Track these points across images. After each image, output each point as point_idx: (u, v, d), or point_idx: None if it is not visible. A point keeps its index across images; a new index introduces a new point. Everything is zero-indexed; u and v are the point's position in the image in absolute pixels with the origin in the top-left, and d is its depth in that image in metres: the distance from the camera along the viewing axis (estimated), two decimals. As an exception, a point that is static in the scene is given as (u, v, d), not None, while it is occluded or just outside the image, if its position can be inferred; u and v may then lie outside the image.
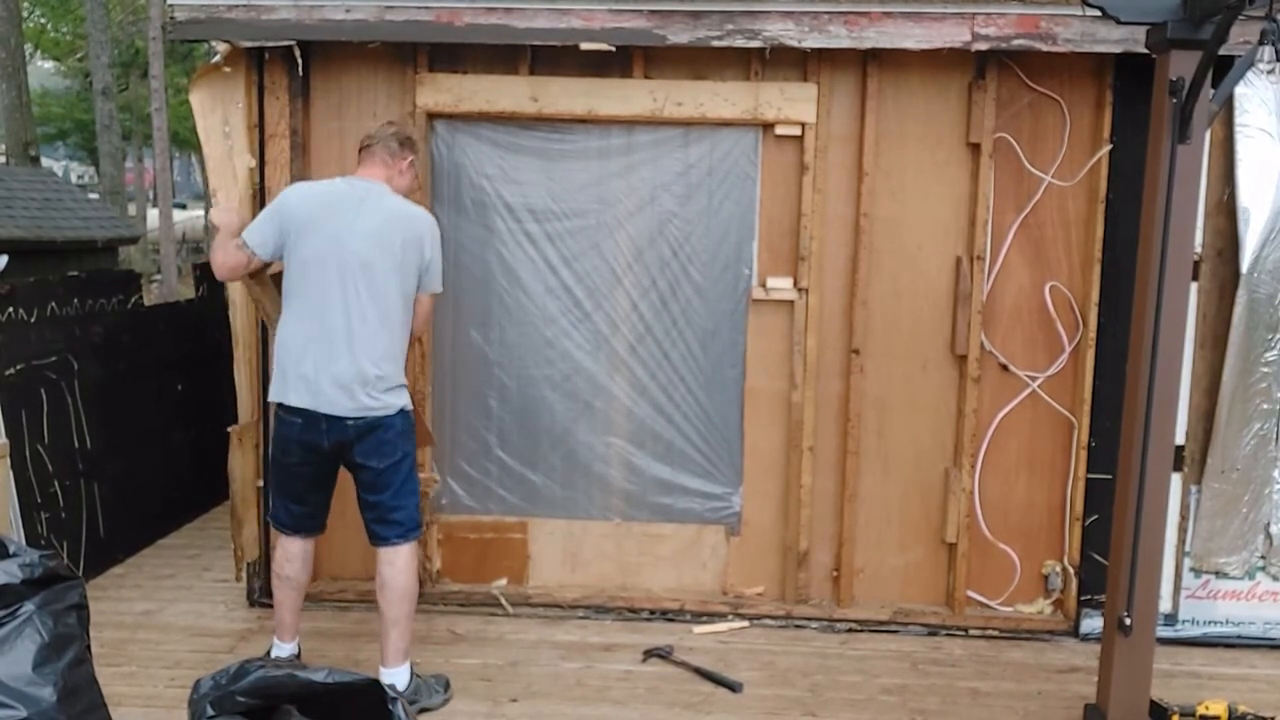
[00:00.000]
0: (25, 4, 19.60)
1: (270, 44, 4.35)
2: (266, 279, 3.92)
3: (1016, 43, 4.18)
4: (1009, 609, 4.65)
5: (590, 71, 4.41)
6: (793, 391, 4.57)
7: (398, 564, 3.77)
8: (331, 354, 3.61)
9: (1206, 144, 3.85)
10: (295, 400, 3.64)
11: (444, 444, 4.73)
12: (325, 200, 3.70)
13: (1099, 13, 3.32)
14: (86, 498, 5.08)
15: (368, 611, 4.65)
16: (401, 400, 3.74)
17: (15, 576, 2.60)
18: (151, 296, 11.75)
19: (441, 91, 4.48)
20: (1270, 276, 4.26)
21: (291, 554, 3.87)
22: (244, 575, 4.70)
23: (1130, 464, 3.46)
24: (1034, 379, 4.54)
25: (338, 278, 3.60)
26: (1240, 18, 3.06)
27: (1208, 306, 4.38)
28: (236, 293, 4.52)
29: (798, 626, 4.63)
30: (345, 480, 4.73)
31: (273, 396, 3.74)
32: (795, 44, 4.25)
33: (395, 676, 3.74)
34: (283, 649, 3.95)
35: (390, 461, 3.72)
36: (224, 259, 3.75)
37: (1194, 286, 4.25)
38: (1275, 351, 4.30)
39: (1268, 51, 3.05)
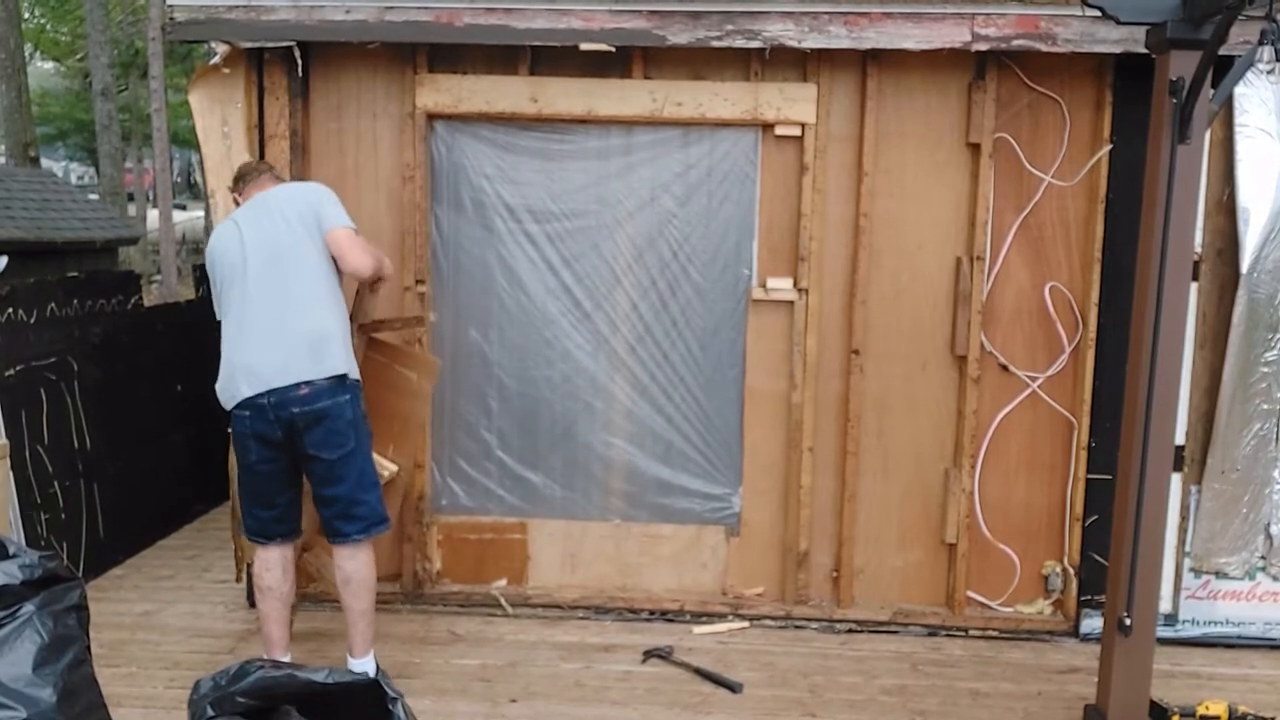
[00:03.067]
0: (25, 4, 19.60)
1: (270, 45, 4.35)
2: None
3: (1016, 43, 4.18)
4: (1009, 609, 4.64)
5: (590, 72, 4.41)
6: (792, 392, 4.57)
7: (359, 558, 3.79)
8: (264, 335, 3.68)
9: (1206, 144, 3.85)
10: (243, 393, 3.67)
11: (443, 444, 4.73)
12: (230, 230, 3.82)
13: (1099, 13, 3.32)
14: (86, 498, 5.07)
15: (367, 612, 4.66)
16: (344, 365, 3.71)
17: (15, 577, 2.59)
18: (151, 297, 11.75)
19: (441, 92, 4.48)
20: (1270, 276, 4.26)
21: (270, 562, 3.83)
22: (244, 576, 4.70)
23: (1130, 464, 3.46)
24: (1034, 379, 4.54)
25: (261, 267, 3.70)
26: (1240, 18, 3.06)
27: (1208, 306, 4.38)
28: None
29: (797, 627, 4.63)
30: (345, 481, 4.73)
31: (225, 405, 3.78)
32: (795, 44, 4.24)
33: (365, 665, 3.80)
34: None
35: (342, 452, 3.69)
36: None
37: (1194, 286, 4.25)
38: (1275, 351, 4.30)
39: (1268, 51, 3.04)
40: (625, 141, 4.55)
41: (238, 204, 3.97)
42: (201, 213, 20.69)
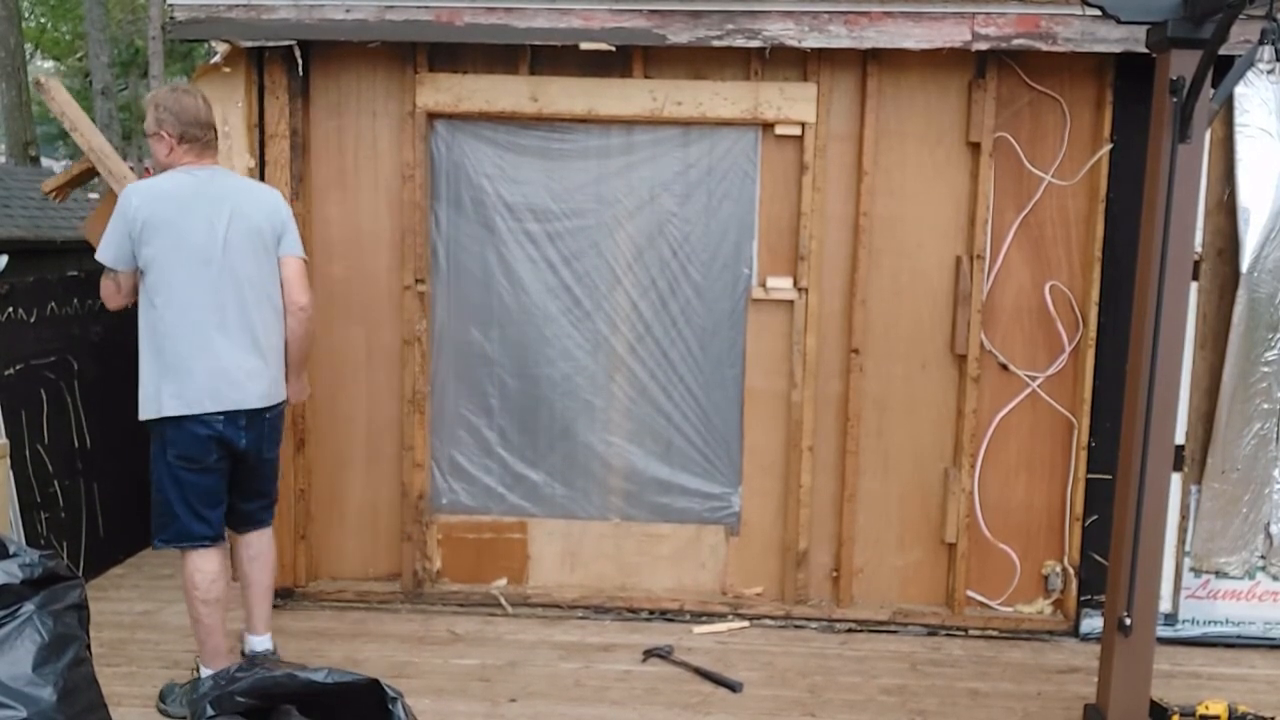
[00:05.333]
0: (25, 3, 19.59)
1: (270, 44, 4.35)
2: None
3: (1016, 42, 4.18)
4: (1009, 609, 4.64)
5: (590, 71, 4.41)
6: (792, 391, 4.57)
7: (268, 536, 3.93)
8: (236, 350, 3.58)
9: (1206, 144, 3.85)
10: (211, 406, 3.54)
11: (444, 443, 4.72)
12: (179, 197, 3.57)
13: (1099, 12, 3.31)
14: (86, 498, 5.07)
15: (367, 611, 4.66)
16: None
17: (15, 576, 2.59)
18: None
19: (441, 91, 4.48)
20: (1270, 276, 4.26)
21: (214, 573, 3.65)
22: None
23: (1130, 464, 3.46)
24: (1034, 379, 4.54)
25: (221, 270, 3.55)
26: (1240, 17, 3.06)
27: (1208, 306, 4.38)
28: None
29: (797, 627, 4.63)
30: (343, 482, 4.74)
31: (174, 410, 3.53)
32: (795, 44, 4.24)
33: (267, 642, 3.90)
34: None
35: (279, 447, 3.90)
36: (103, 293, 3.70)
37: (1194, 286, 4.25)
38: (1275, 351, 4.30)
39: (1268, 51, 3.04)
40: (625, 140, 4.55)
41: (166, 141, 3.63)
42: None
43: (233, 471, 3.71)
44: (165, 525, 3.65)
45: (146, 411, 3.60)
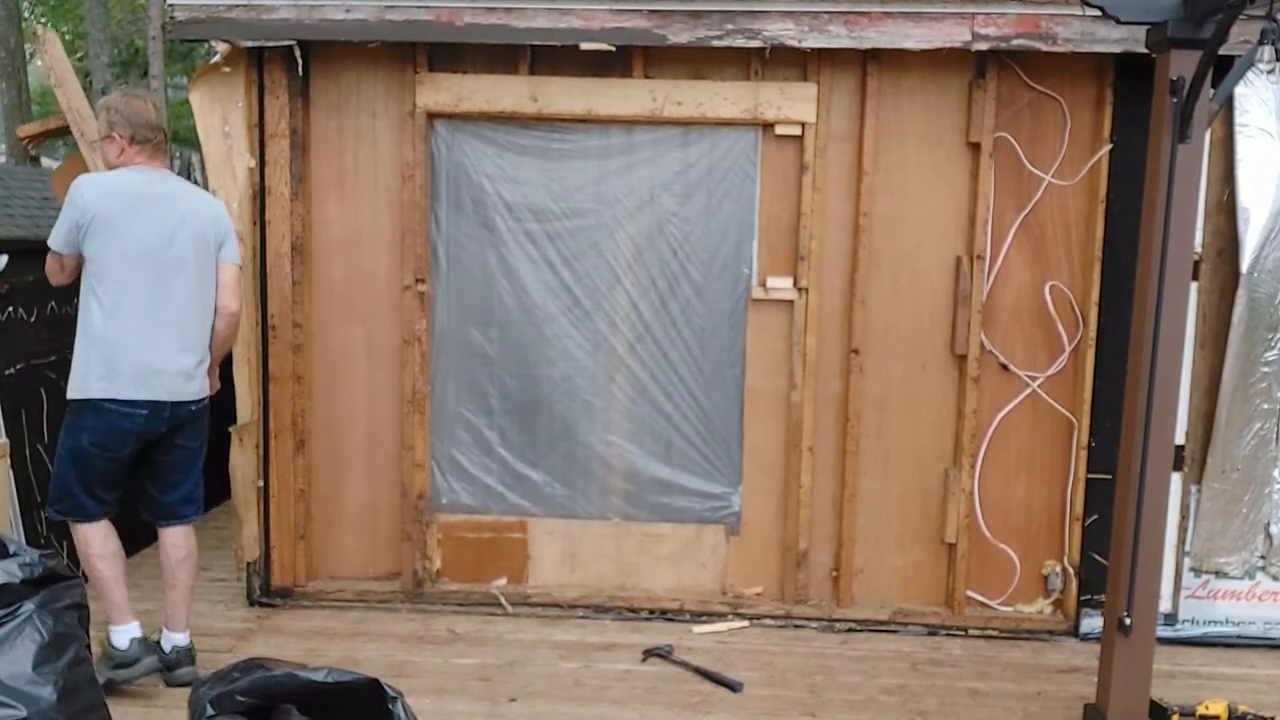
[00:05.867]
0: (25, 3, 19.59)
1: (270, 44, 4.35)
2: None
3: (1016, 42, 4.18)
4: (1009, 609, 4.64)
5: (590, 71, 4.41)
6: (792, 391, 4.57)
7: (192, 536, 4.03)
8: (171, 344, 3.74)
9: (1206, 144, 3.85)
10: (140, 394, 3.69)
11: (444, 443, 4.73)
12: (129, 193, 3.71)
13: (1099, 12, 3.31)
14: (86, 497, 5.06)
15: (366, 611, 4.66)
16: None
17: (15, 576, 2.60)
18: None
19: (441, 91, 4.48)
20: (1270, 276, 4.26)
21: (106, 530, 3.83)
22: (244, 575, 4.71)
23: (1130, 464, 3.46)
24: (1034, 379, 4.54)
25: (163, 269, 3.71)
26: (1240, 17, 3.06)
27: (1208, 306, 4.38)
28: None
29: (797, 626, 4.63)
30: (343, 481, 4.74)
31: (102, 392, 3.68)
32: (795, 44, 4.24)
33: (186, 639, 3.97)
34: (131, 629, 3.90)
35: (202, 439, 3.97)
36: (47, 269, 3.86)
37: (1194, 286, 4.25)
38: (1275, 351, 4.30)
39: (1268, 51, 3.04)
40: (625, 141, 4.55)
41: (117, 144, 3.79)
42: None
43: (151, 462, 3.87)
44: (61, 500, 3.82)
45: (74, 392, 3.74)
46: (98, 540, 3.82)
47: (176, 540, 3.97)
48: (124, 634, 3.87)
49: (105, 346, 3.67)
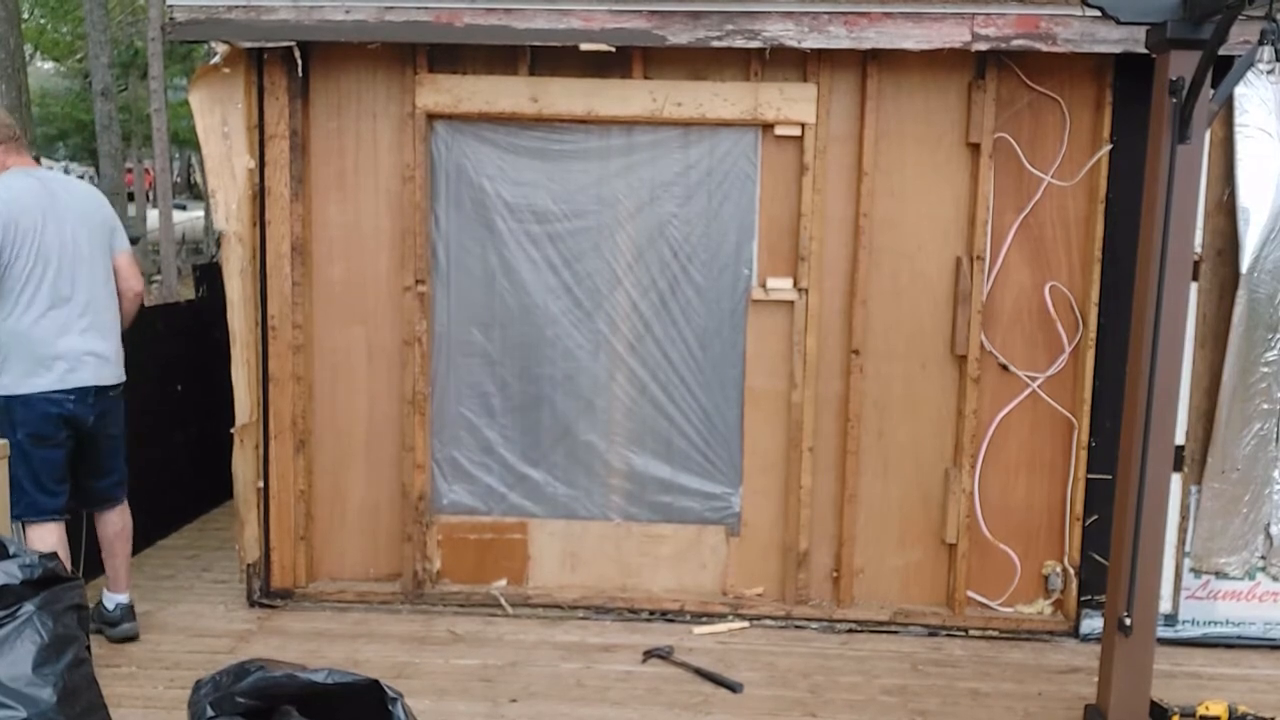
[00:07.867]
0: (25, 4, 19.60)
1: (270, 45, 4.35)
2: None
3: (1016, 43, 4.18)
4: (1009, 609, 4.64)
5: (590, 72, 4.41)
6: (793, 391, 4.57)
7: (126, 511, 4.35)
8: (88, 332, 4.02)
9: (1206, 144, 3.85)
10: (67, 383, 3.96)
11: (445, 443, 4.72)
12: (27, 195, 3.94)
13: (1099, 13, 3.31)
14: (86, 498, 5.06)
15: (367, 612, 4.66)
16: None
17: (15, 577, 2.60)
18: (151, 297, 11.72)
19: (441, 92, 4.48)
20: (1270, 276, 4.26)
21: (53, 544, 3.90)
22: (244, 575, 4.71)
23: (1130, 464, 3.46)
24: (1034, 379, 4.54)
25: (71, 263, 3.98)
26: (1240, 18, 3.06)
27: (1208, 306, 4.38)
28: (236, 293, 4.53)
29: (798, 627, 4.63)
30: (344, 482, 4.74)
31: (29, 388, 3.92)
32: (795, 44, 4.25)
33: (125, 598, 4.33)
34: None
35: (121, 427, 4.25)
36: None
37: (1194, 286, 4.25)
38: (1275, 351, 4.30)
39: (1268, 51, 3.04)
40: (625, 141, 4.55)
41: None
42: (201, 213, 20.69)
43: (82, 451, 4.10)
44: (17, 501, 3.91)
45: (1, 390, 3.96)
46: (55, 545, 3.93)
47: (113, 519, 4.31)
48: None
49: (26, 346, 3.93)
